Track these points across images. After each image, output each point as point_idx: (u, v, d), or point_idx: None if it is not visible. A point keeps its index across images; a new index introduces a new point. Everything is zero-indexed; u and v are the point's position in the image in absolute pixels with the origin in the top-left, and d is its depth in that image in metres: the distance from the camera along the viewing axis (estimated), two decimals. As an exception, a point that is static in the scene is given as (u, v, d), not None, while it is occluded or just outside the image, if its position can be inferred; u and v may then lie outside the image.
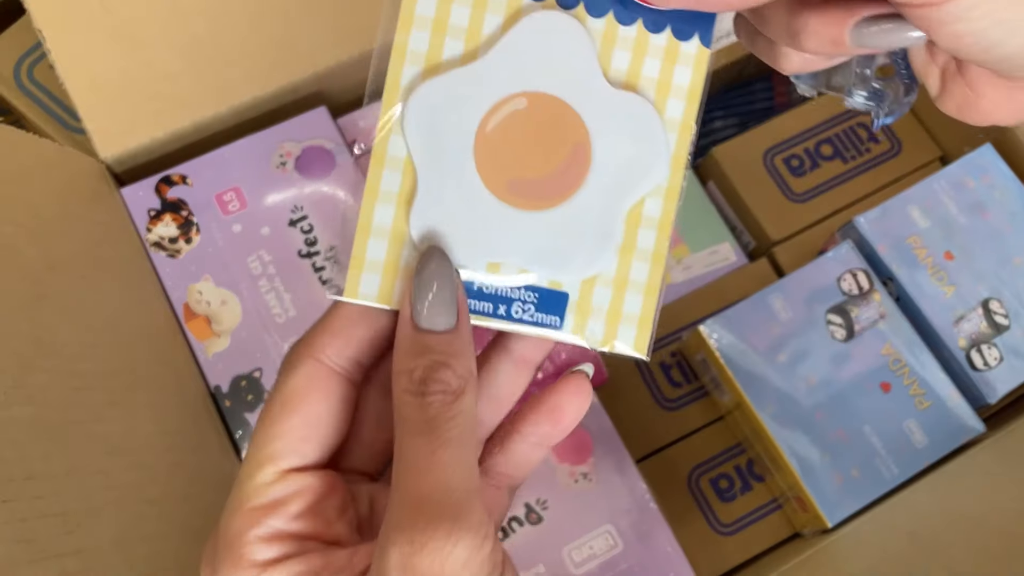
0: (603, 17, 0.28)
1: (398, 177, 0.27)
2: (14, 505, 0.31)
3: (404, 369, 0.26)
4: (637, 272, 0.29)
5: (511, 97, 0.27)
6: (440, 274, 0.26)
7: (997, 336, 0.60)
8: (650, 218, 0.28)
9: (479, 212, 0.27)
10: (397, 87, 0.27)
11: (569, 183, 0.28)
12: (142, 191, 0.58)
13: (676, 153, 0.28)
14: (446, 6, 0.27)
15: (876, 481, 0.58)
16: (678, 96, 0.28)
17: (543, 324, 0.28)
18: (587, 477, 0.57)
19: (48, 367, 0.38)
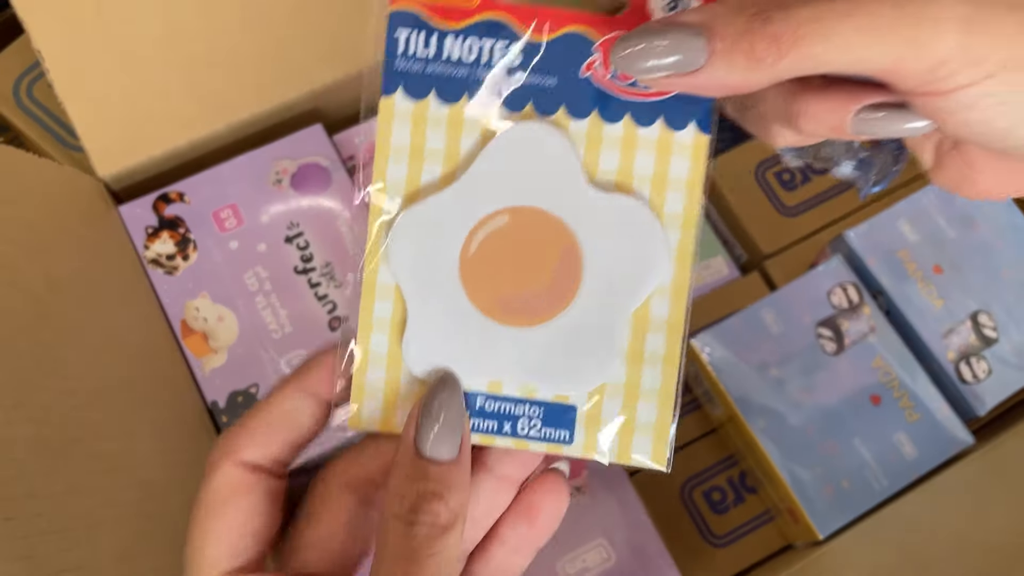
0: (586, 118, 0.27)
1: (389, 306, 0.27)
2: (15, 523, 0.32)
3: (397, 493, 0.25)
4: (649, 379, 0.27)
5: (492, 215, 0.27)
6: (449, 404, 0.26)
7: (986, 349, 0.61)
8: (658, 319, 0.27)
9: (472, 333, 0.27)
10: (381, 215, 0.27)
11: (562, 294, 0.27)
12: (140, 209, 0.59)
13: (680, 248, 0.27)
14: (421, 132, 0.27)
15: (866, 493, 0.58)
16: (676, 189, 0.27)
17: (552, 439, 0.27)
18: (580, 490, 0.57)
19: (48, 385, 0.38)
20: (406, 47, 0.26)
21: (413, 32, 0.26)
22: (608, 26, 0.26)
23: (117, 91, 0.59)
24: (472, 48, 0.26)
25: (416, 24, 0.26)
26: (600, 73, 0.27)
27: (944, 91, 0.22)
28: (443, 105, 0.27)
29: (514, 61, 0.27)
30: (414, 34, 0.26)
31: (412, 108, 0.27)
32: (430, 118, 0.27)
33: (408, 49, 0.26)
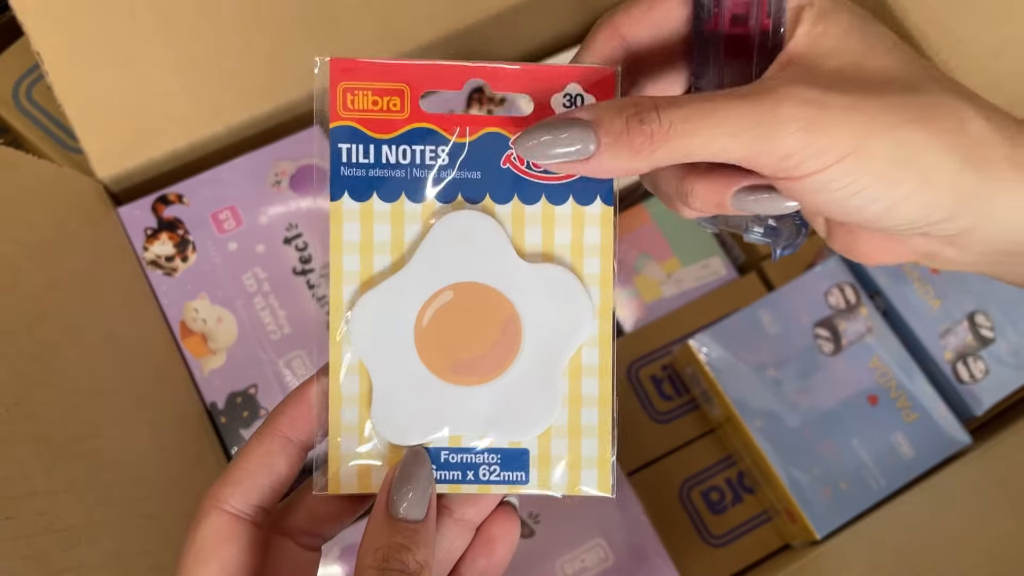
0: (509, 202, 0.31)
1: (356, 380, 0.31)
2: (17, 522, 0.32)
3: (371, 547, 0.28)
4: (587, 418, 0.31)
5: (439, 292, 0.31)
6: (418, 474, 0.29)
7: (983, 349, 0.61)
8: (590, 367, 0.31)
9: (431, 396, 0.31)
10: (340, 305, 0.31)
11: (506, 354, 0.31)
12: (139, 210, 0.59)
13: (602, 304, 0.31)
14: (369, 228, 0.30)
15: (864, 493, 0.58)
16: (592, 254, 0.31)
17: (510, 481, 0.31)
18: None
19: (49, 384, 0.39)
20: (348, 157, 0.30)
21: (353, 144, 0.30)
22: (519, 125, 0.31)
23: (116, 93, 0.59)
24: (406, 153, 0.30)
25: (355, 137, 0.30)
26: (516, 164, 0.31)
27: (796, 177, 0.26)
28: (385, 203, 0.31)
29: (443, 160, 0.31)
30: (354, 146, 0.30)
31: (358, 209, 0.31)
32: (376, 215, 0.31)
33: (350, 159, 0.30)
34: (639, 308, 0.70)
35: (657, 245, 0.72)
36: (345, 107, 0.30)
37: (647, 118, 0.26)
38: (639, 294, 0.70)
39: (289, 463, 0.30)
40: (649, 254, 0.71)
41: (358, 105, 0.30)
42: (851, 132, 0.26)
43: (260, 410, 0.56)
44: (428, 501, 0.29)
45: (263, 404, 0.57)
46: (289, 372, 0.57)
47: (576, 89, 0.30)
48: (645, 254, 0.71)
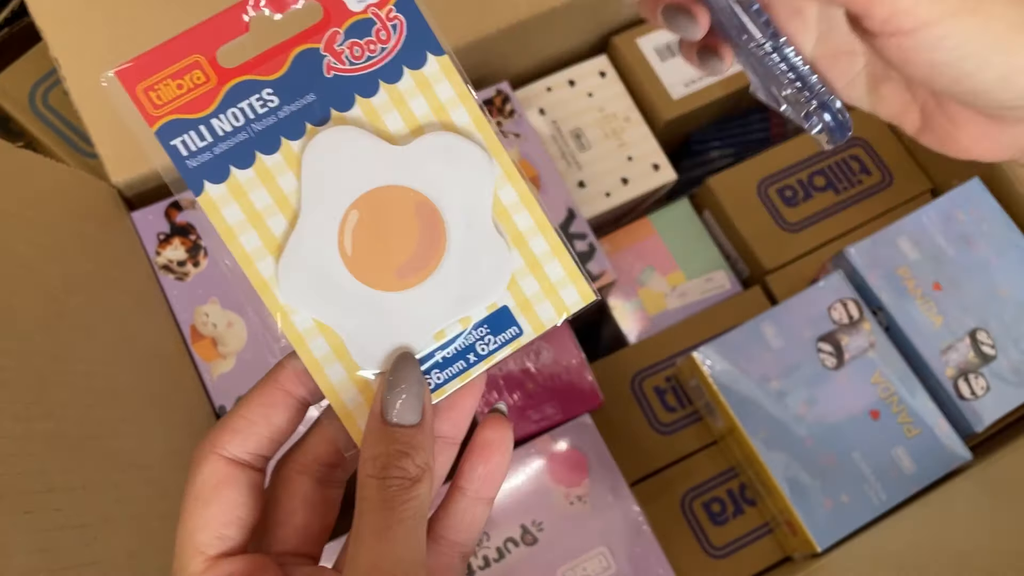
0: (354, 105, 0.30)
1: (322, 340, 0.30)
2: (34, 516, 0.32)
3: (370, 456, 0.28)
4: (537, 247, 0.31)
5: (344, 217, 0.30)
6: (408, 376, 0.29)
7: (984, 366, 0.62)
8: (513, 203, 0.31)
9: (396, 312, 0.30)
10: (265, 284, 0.30)
11: (437, 235, 0.31)
12: (152, 215, 0.60)
13: (489, 143, 0.31)
14: (246, 201, 0.30)
15: (865, 507, 0.59)
16: (454, 106, 0.31)
17: (509, 340, 0.31)
18: (582, 499, 0.58)
19: (66, 383, 0.39)
20: (186, 149, 0.29)
21: (183, 135, 0.29)
22: (319, 31, 0.30)
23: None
24: (236, 115, 0.30)
25: (181, 127, 0.29)
26: (338, 67, 0.30)
27: (907, 30, 0.25)
28: (246, 171, 0.30)
29: (273, 102, 0.30)
30: (185, 136, 0.29)
31: (225, 189, 0.30)
32: (244, 186, 0.30)
33: (188, 149, 0.29)
34: (643, 320, 0.71)
35: (662, 258, 0.72)
36: (155, 105, 0.29)
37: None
38: (643, 306, 0.71)
39: (288, 417, 0.30)
40: (654, 267, 0.72)
41: (165, 97, 0.29)
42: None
43: (268, 414, 0.57)
44: (422, 403, 0.29)
45: (271, 408, 0.57)
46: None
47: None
48: (650, 267, 0.72)
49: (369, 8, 0.30)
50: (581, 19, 0.71)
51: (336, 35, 0.30)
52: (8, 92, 0.68)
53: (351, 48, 0.30)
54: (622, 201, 0.71)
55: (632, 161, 0.71)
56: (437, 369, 0.30)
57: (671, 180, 0.71)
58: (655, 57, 0.74)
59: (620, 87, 0.74)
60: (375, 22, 0.30)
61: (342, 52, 0.30)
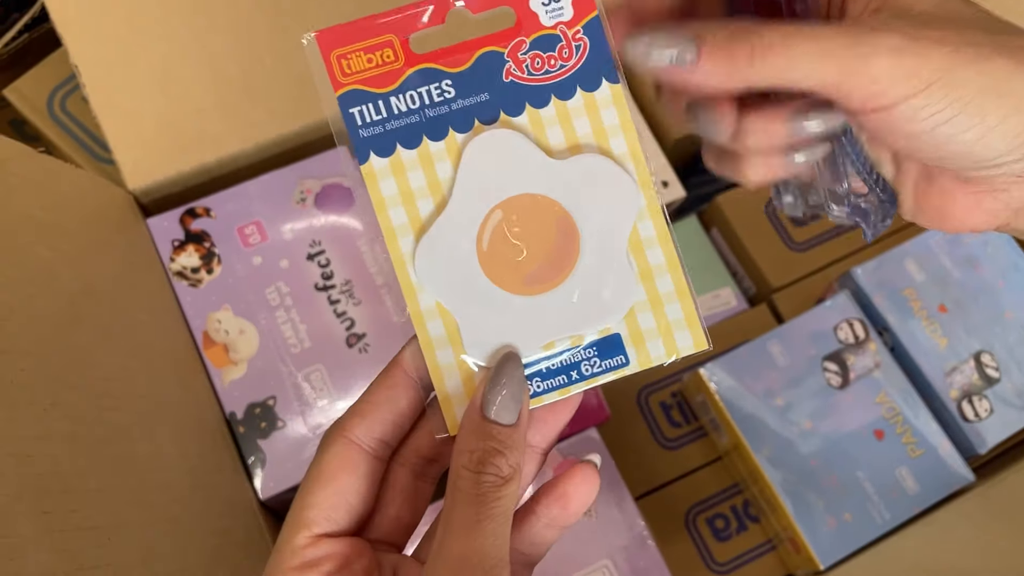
0: (523, 112, 0.32)
1: (439, 323, 0.32)
2: (52, 516, 0.33)
3: (466, 448, 0.29)
4: (663, 285, 0.32)
5: (488, 215, 0.32)
6: (511, 376, 0.30)
7: (988, 388, 0.62)
8: (649, 237, 0.32)
9: (515, 314, 0.32)
10: (401, 260, 0.31)
11: (570, 251, 0.32)
12: (167, 222, 0.61)
13: (640, 176, 0.32)
14: (403, 179, 0.31)
15: (868, 526, 0.59)
16: (615, 134, 0.32)
17: (613, 368, 0.32)
18: (588, 513, 0.58)
19: (83, 386, 0.40)
20: (362, 119, 0.31)
21: (362, 106, 0.31)
22: (507, 38, 0.31)
23: (150, 108, 0.61)
24: (413, 98, 0.31)
25: (362, 98, 0.31)
26: (517, 74, 0.32)
27: (885, 105, 0.27)
28: (410, 151, 0.31)
29: (450, 93, 0.32)
30: (364, 107, 0.31)
31: (387, 164, 0.31)
32: (406, 165, 0.31)
33: (364, 120, 0.31)
34: (650, 336, 0.71)
35: (670, 274, 0.73)
36: (343, 73, 0.31)
37: (749, 32, 0.28)
38: (651, 322, 0.71)
39: (410, 399, 0.31)
40: (662, 283, 0.72)
41: (355, 67, 0.31)
42: (940, 58, 0.26)
43: (278, 421, 0.58)
44: (520, 405, 0.30)
45: (281, 416, 0.58)
46: (308, 385, 0.59)
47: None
48: (658, 283, 0.72)
49: (559, 25, 0.31)
50: None
51: (522, 44, 0.31)
52: (27, 97, 0.69)
53: (533, 59, 0.32)
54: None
55: (642, 178, 0.72)
56: (539, 378, 0.31)
57: (680, 197, 0.72)
58: (666, 75, 0.75)
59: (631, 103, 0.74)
60: (561, 39, 0.31)
61: (524, 61, 0.32)
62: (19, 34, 0.71)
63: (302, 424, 0.58)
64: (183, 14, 0.62)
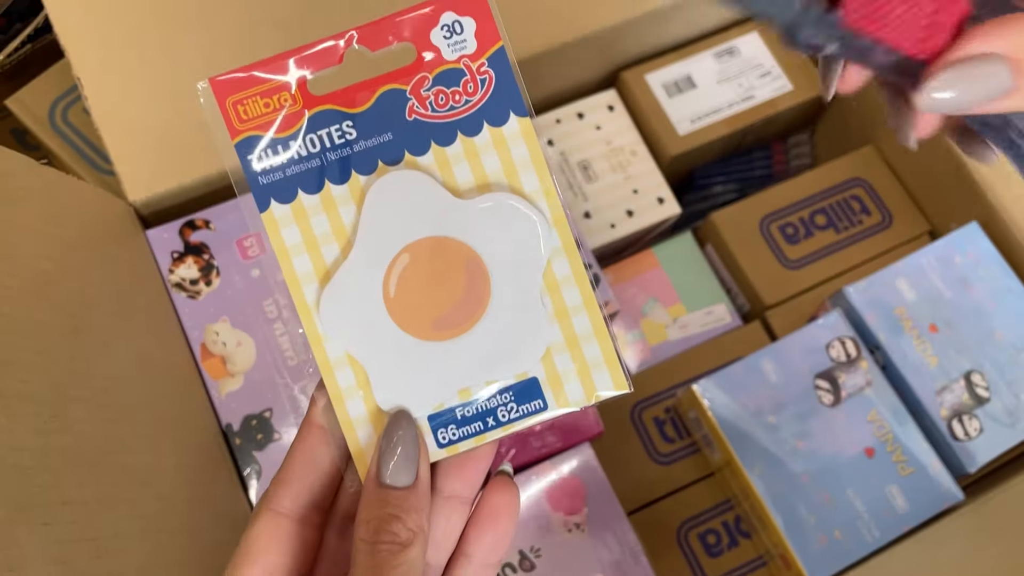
0: (428, 151, 0.31)
1: (349, 372, 0.30)
2: (51, 528, 0.33)
3: (363, 519, 0.28)
4: (580, 326, 0.31)
5: (395, 259, 0.30)
6: (403, 437, 0.29)
7: (978, 408, 0.63)
8: (564, 277, 0.31)
9: (426, 361, 0.31)
10: (307, 309, 0.30)
11: (481, 294, 0.31)
12: (166, 233, 0.61)
13: (553, 214, 0.31)
14: (306, 225, 0.30)
15: (858, 543, 0.60)
16: (525, 170, 0.31)
17: (530, 412, 0.31)
18: (580, 527, 0.59)
19: (83, 398, 0.40)
20: (260, 166, 0.30)
21: (260, 152, 0.30)
22: (409, 74, 0.30)
23: (152, 121, 0.61)
24: (313, 141, 0.30)
25: (260, 144, 0.30)
26: (421, 112, 0.31)
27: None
28: (312, 196, 0.30)
29: (351, 134, 0.30)
30: (262, 153, 0.30)
31: (288, 211, 0.30)
32: (308, 210, 0.30)
33: (263, 166, 0.30)
34: (644, 351, 0.72)
35: (664, 290, 0.73)
36: (240, 119, 0.30)
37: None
38: (645, 337, 0.72)
39: (332, 457, 0.30)
40: (656, 298, 0.73)
41: (251, 113, 0.30)
42: None
43: (274, 433, 0.58)
44: (416, 464, 0.29)
45: (277, 428, 0.58)
46: (304, 398, 0.59)
47: (452, 17, 0.30)
48: (653, 298, 0.73)
49: (462, 59, 0.30)
50: (591, 54, 0.73)
51: (424, 80, 0.30)
52: (29, 107, 0.70)
53: (437, 95, 0.31)
54: (627, 233, 0.72)
55: (637, 194, 0.73)
56: (454, 425, 0.31)
57: (675, 214, 0.73)
58: (663, 93, 0.76)
59: (628, 121, 0.75)
60: (465, 74, 0.30)
61: (427, 98, 0.31)
62: (22, 45, 0.71)
63: (298, 436, 0.58)
64: (185, 27, 0.62)
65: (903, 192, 0.76)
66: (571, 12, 0.69)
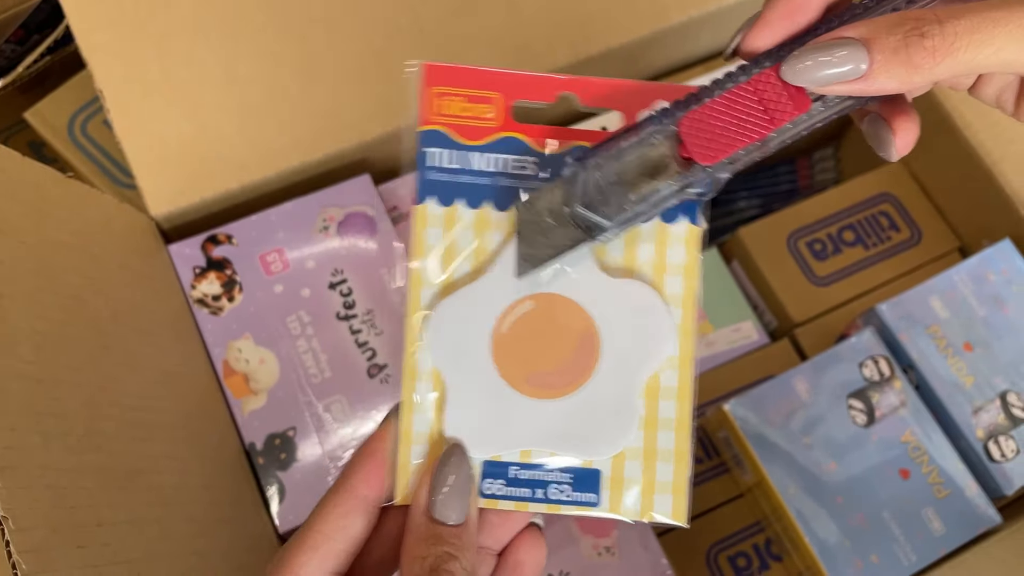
0: None
1: (430, 387, 0.30)
2: (87, 551, 0.32)
3: (417, 555, 0.27)
4: (664, 442, 0.30)
5: (519, 301, 0.30)
6: (458, 470, 0.28)
7: (1014, 428, 0.62)
8: (668, 388, 0.30)
9: (505, 407, 0.30)
10: (417, 307, 0.30)
11: (583, 369, 0.30)
12: (189, 248, 0.60)
13: (683, 325, 0.30)
14: (451, 233, 0.30)
15: (895, 568, 0.58)
16: (675, 273, 0.30)
17: (581, 503, 0.30)
18: (610, 551, 0.57)
19: (113, 415, 0.39)
20: (436, 161, 0.30)
21: (441, 149, 0.30)
22: (603, 138, 0.30)
23: (174, 134, 0.60)
24: (492, 161, 0.30)
25: (443, 142, 0.30)
26: None
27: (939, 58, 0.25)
28: (469, 210, 0.30)
29: (530, 171, 0.31)
30: (442, 151, 0.30)
31: (442, 214, 0.30)
32: (459, 221, 0.30)
33: (437, 163, 0.30)
34: (670, 369, 0.70)
35: (690, 308, 0.72)
36: (436, 111, 0.30)
37: (929, 31, 0.25)
38: (671, 355, 0.71)
39: (365, 523, 0.29)
40: (681, 316, 0.72)
41: (449, 110, 0.30)
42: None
43: (298, 452, 0.57)
44: (468, 502, 0.28)
45: (301, 446, 0.57)
46: (329, 416, 0.58)
47: (663, 105, 0.29)
48: (678, 316, 0.72)
49: None
50: (617, 68, 0.72)
51: None
52: (47, 119, 0.69)
53: None
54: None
55: (663, 210, 0.72)
56: (503, 481, 0.30)
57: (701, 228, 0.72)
58: (688, 108, 0.75)
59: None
60: None
61: None
62: (41, 57, 0.70)
63: (322, 455, 0.57)
64: (209, 41, 0.62)
65: (932, 208, 0.75)
66: (596, 25, 0.68)
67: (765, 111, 0.28)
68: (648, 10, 0.68)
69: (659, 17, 0.69)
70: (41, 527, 0.30)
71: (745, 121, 0.28)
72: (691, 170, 0.28)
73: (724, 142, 0.28)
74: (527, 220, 0.29)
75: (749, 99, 0.28)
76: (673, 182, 0.28)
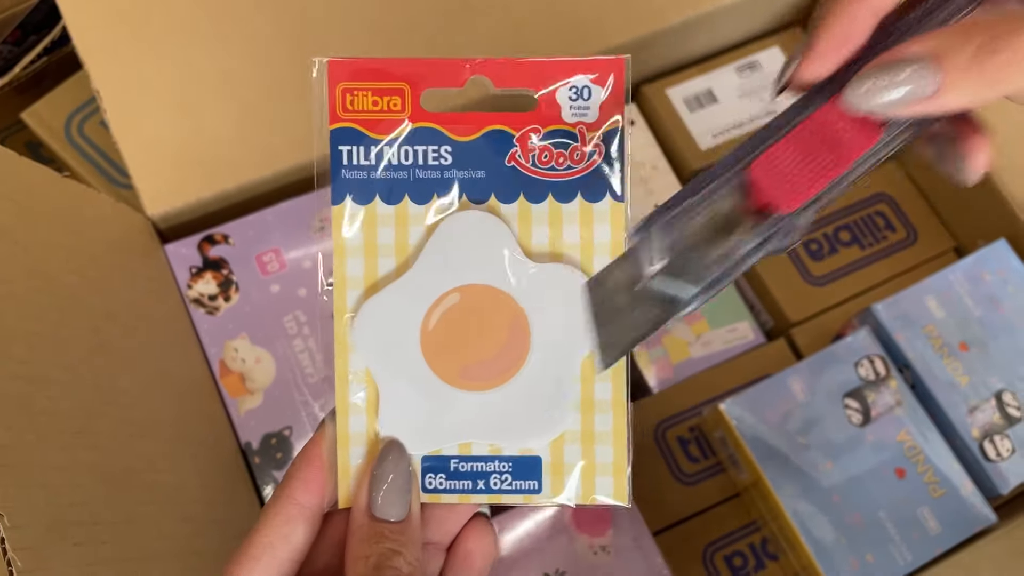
0: (515, 201, 0.30)
1: (362, 387, 0.30)
2: (84, 549, 0.32)
3: (360, 555, 0.27)
4: (601, 424, 0.30)
5: (445, 295, 0.30)
6: (395, 467, 0.28)
7: (1010, 428, 0.62)
8: (604, 371, 0.30)
9: (439, 401, 0.30)
10: (344, 310, 0.30)
11: (515, 357, 0.30)
12: (185, 248, 0.60)
13: None
14: (372, 231, 0.30)
15: (891, 567, 0.58)
16: (603, 253, 0.30)
17: (523, 491, 0.30)
18: (606, 549, 0.57)
19: (108, 414, 0.39)
20: (349, 159, 0.30)
21: (353, 146, 0.30)
22: (522, 122, 0.30)
23: (170, 134, 0.60)
24: (408, 154, 0.30)
25: (355, 139, 0.30)
26: (521, 162, 0.30)
27: None
28: (388, 206, 0.30)
29: (446, 160, 0.30)
30: (354, 148, 0.30)
31: (361, 212, 0.30)
32: (379, 218, 0.30)
33: (351, 161, 0.30)
34: (666, 368, 0.71)
35: (686, 308, 0.72)
36: (344, 108, 0.29)
37: (1002, 45, 0.23)
38: (667, 354, 0.71)
39: (307, 530, 0.29)
40: (678, 316, 0.72)
41: (358, 106, 0.29)
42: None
43: (294, 451, 0.57)
44: (408, 497, 0.28)
45: (297, 446, 0.57)
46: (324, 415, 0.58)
47: (583, 80, 0.29)
48: (674, 316, 0.72)
49: (579, 125, 0.30)
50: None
51: (535, 132, 0.30)
52: (44, 120, 0.69)
53: (542, 151, 0.30)
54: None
55: (659, 210, 0.72)
56: (444, 475, 0.30)
57: (698, 231, 0.72)
58: (684, 107, 0.75)
59: (649, 136, 0.74)
60: (577, 140, 0.30)
61: (532, 150, 0.30)
62: (38, 57, 0.70)
63: (319, 455, 0.57)
64: (206, 41, 0.62)
65: (928, 208, 0.75)
66: (591, 26, 0.68)
67: (835, 145, 0.26)
68: (644, 11, 0.68)
69: (656, 18, 0.69)
70: (36, 525, 0.30)
71: (817, 159, 0.26)
72: (768, 220, 0.26)
73: (803, 184, 0.26)
74: (598, 302, 0.28)
75: (815, 135, 0.26)
76: (751, 236, 0.26)
